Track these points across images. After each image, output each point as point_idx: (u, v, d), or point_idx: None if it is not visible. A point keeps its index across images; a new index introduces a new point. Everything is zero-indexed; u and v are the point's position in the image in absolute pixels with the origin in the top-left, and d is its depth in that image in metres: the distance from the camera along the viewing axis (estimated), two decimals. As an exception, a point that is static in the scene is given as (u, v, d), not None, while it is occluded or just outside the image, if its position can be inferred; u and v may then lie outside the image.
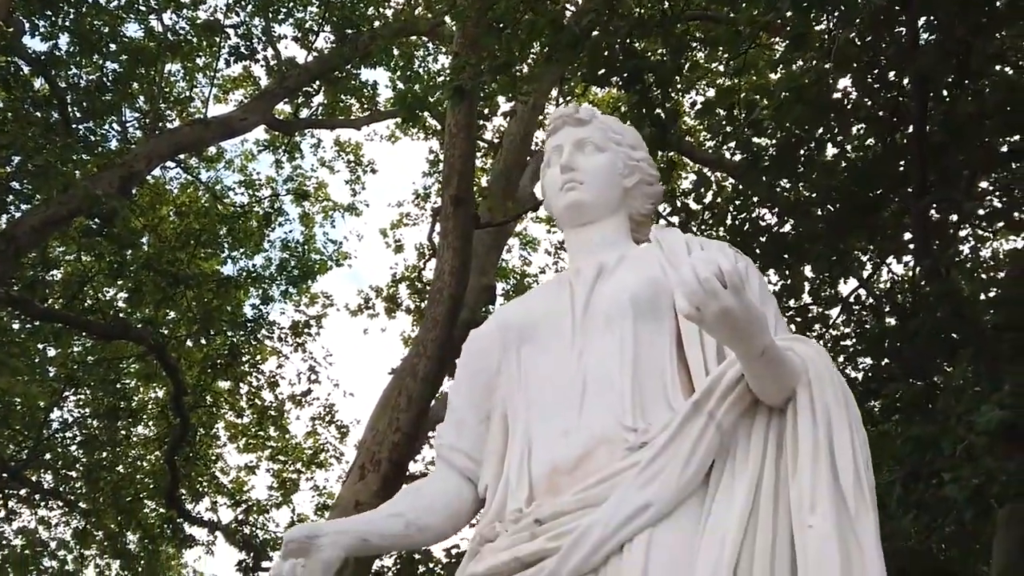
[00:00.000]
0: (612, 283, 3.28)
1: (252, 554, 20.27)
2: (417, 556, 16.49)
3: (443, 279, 11.06)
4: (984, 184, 10.14)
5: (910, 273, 10.67)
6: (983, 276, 10.66)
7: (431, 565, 16.64)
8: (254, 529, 21.22)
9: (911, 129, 8.63)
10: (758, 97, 9.60)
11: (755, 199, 10.10)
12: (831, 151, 9.72)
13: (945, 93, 8.64)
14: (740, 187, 10.51)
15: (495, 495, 3.13)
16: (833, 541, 2.58)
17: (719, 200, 10.67)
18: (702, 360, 3.05)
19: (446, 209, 11.36)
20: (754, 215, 10.22)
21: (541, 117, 15.67)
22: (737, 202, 10.34)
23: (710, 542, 2.70)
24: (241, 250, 19.85)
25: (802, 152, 9.25)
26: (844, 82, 9.35)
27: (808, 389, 2.81)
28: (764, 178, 9.46)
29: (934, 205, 8.79)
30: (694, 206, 10.31)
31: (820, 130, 9.13)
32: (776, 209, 10.14)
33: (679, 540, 2.73)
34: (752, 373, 2.77)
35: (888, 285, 12.38)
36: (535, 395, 3.17)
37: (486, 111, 15.32)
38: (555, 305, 3.33)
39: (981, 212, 9.66)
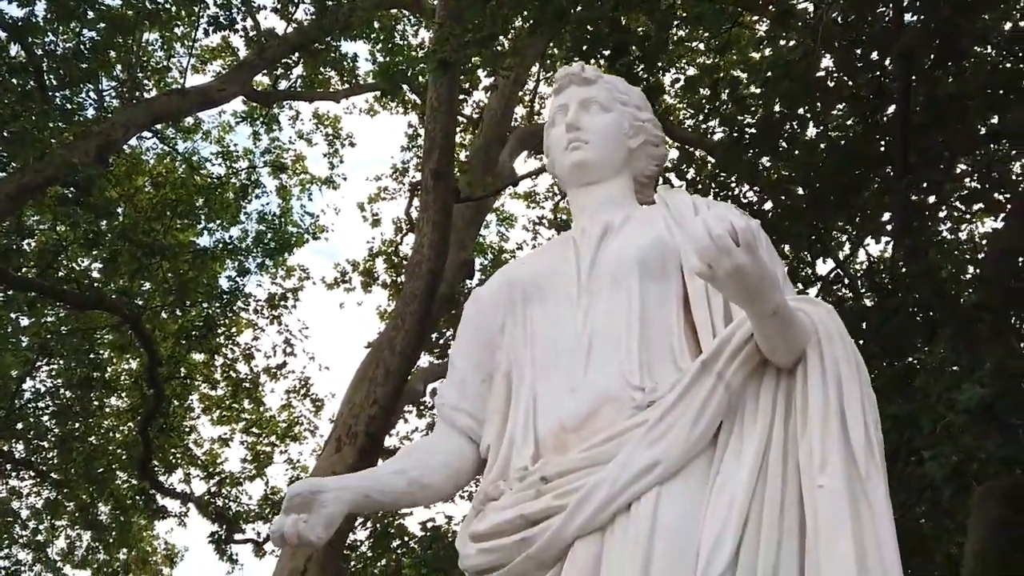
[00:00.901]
0: (618, 242, 3.27)
1: (224, 526, 20.27)
2: (391, 531, 16.53)
3: (422, 253, 11.03)
4: (964, 166, 10.19)
5: (889, 253, 10.71)
6: (962, 257, 10.70)
7: (405, 539, 16.67)
8: (227, 501, 21.13)
9: (893, 109, 8.64)
10: (743, 74, 9.60)
11: (736, 177, 10.11)
12: (812, 130, 9.75)
13: (928, 74, 8.64)
14: (721, 165, 10.52)
15: (498, 454, 3.13)
16: (844, 500, 2.59)
17: (700, 177, 10.68)
18: (709, 321, 3.05)
19: (426, 183, 11.33)
20: (735, 193, 10.23)
21: (522, 92, 15.64)
22: (718, 179, 10.35)
23: (718, 502, 2.71)
24: (217, 222, 19.68)
25: (785, 130, 9.26)
26: (827, 61, 9.36)
27: (818, 349, 2.82)
28: (746, 156, 9.47)
29: (915, 186, 8.81)
30: (676, 181, 10.32)
31: (802, 109, 9.14)
32: (756, 187, 10.16)
33: (687, 499, 2.74)
34: (763, 333, 2.77)
35: (867, 265, 12.43)
36: (540, 353, 3.17)
37: (467, 85, 15.26)
38: (560, 264, 3.33)
39: (960, 193, 9.71)
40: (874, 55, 8.93)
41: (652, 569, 2.62)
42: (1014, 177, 9.96)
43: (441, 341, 17.00)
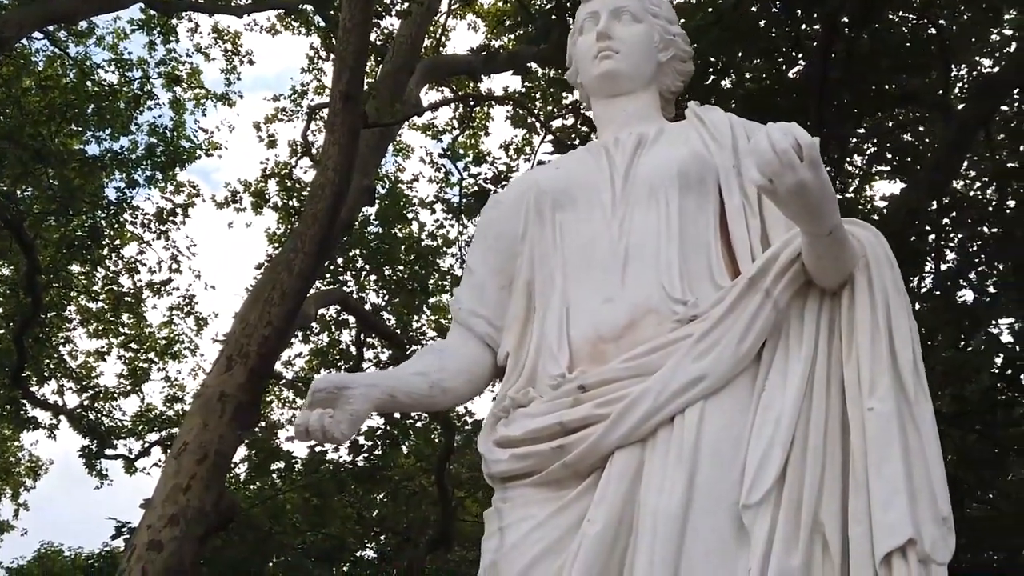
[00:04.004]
0: (655, 154, 3.25)
1: (96, 440, 19.96)
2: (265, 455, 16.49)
3: (327, 175, 10.85)
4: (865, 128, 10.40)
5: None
6: (865, 214, 10.95)
7: (283, 462, 16.66)
8: (99, 416, 20.83)
9: (812, 65, 8.75)
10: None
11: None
12: (727, 82, 9.81)
13: (848, 33, 8.77)
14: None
15: (522, 361, 3.13)
16: (894, 423, 2.62)
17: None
18: (747, 240, 3.05)
19: (335, 105, 11.12)
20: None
21: (432, 24, 15.49)
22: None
23: (764, 420, 2.73)
24: (107, 131, 19.13)
25: (709, 81, 9.31)
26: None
27: (867, 272, 2.83)
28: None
29: (825, 143, 8.95)
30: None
31: (725, 58, 9.20)
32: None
33: (731, 415, 2.77)
34: (815, 252, 2.76)
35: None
36: (572, 261, 3.15)
37: (378, 7, 15.03)
38: (593, 173, 3.29)
39: (867, 153, 9.90)
40: (798, 11, 9.01)
41: (697, 483, 2.66)
42: (914, 141, 10.21)
43: (332, 267, 16.90)
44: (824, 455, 2.70)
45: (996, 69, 10.75)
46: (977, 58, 11.19)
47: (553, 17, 8.99)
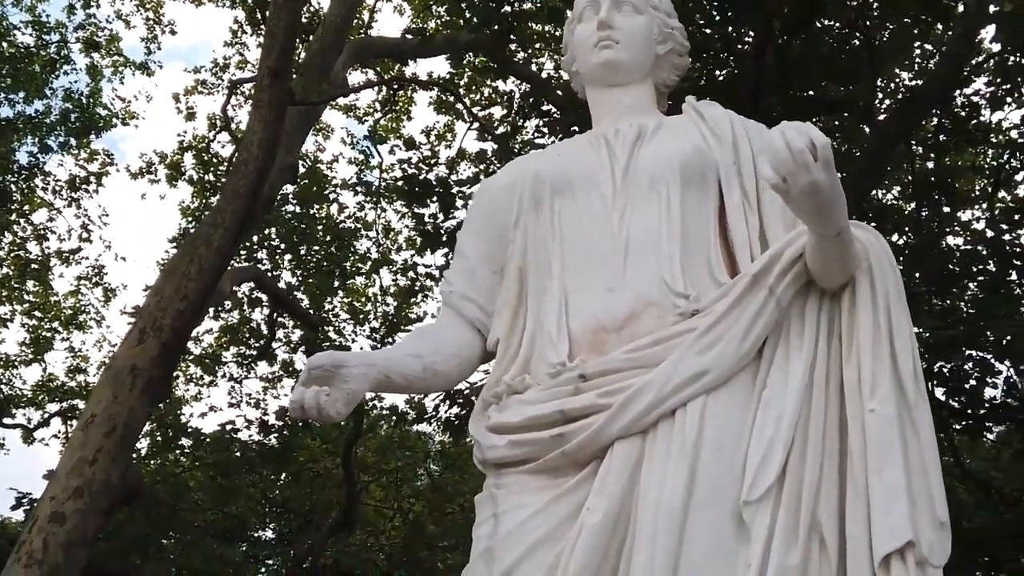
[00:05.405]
0: (656, 147, 3.24)
1: (-6, 408, 19.57)
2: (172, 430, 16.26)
3: (251, 151, 10.71)
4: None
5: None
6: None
7: (187, 438, 16.47)
8: (-1, 384, 20.39)
9: (741, 67, 8.84)
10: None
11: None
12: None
13: (780, 37, 8.87)
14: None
15: (514, 347, 3.12)
16: (895, 426, 2.65)
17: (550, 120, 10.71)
18: (747, 238, 3.06)
19: (262, 80, 11.00)
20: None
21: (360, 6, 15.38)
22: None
23: (765, 417, 2.75)
24: (21, 94, 18.68)
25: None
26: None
27: (869, 275, 2.85)
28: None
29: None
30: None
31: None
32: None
33: (733, 411, 2.78)
34: (821, 252, 2.78)
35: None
36: (570, 250, 3.13)
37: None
38: (592, 162, 3.28)
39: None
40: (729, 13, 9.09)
41: (698, 477, 2.68)
42: (840, 148, 10.36)
43: (248, 245, 16.72)
44: (823, 455, 2.73)
45: (918, 83, 10.99)
46: (898, 70, 11.43)
47: (492, 4, 8.97)
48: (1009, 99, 10.67)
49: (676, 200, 3.10)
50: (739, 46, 9.18)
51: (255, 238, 16.97)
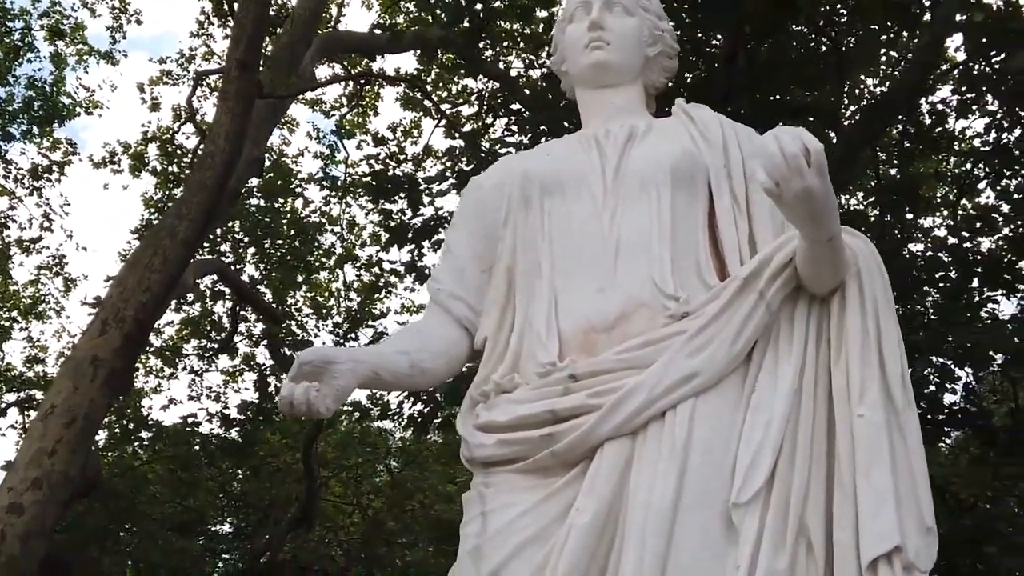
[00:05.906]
0: (646, 148, 3.24)
1: (-50, 397, 19.36)
2: (132, 423, 16.14)
3: (217, 144, 10.65)
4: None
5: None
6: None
7: (144, 432, 16.36)
8: (-45, 372, 20.17)
9: (711, 71, 8.86)
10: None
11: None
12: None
13: (749, 41, 8.90)
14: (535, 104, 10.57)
15: (501, 346, 3.13)
16: (883, 431, 2.68)
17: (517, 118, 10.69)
18: (736, 241, 3.08)
19: (230, 72, 10.94)
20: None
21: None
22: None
23: (754, 421, 2.77)
24: (-17, 80, 18.50)
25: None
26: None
27: (858, 280, 2.87)
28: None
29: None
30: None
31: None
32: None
33: (722, 414, 2.79)
34: (812, 258, 2.79)
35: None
36: (560, 251, 3.13)
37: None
38: (582, 163, 3.27)
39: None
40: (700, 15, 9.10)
41: (687, 481, 2.69)
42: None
43: (211, 237, 16.62)
44: (811, 459, 2.75)
45: (883, 89, 11.08)
46: (864, 77, 11.51)
47: (462, 2, 8.95)
48: (975, 107, 10.76)
49: (667, 202, 3.10)
50: (707, 49, 9.20)
51: (219, 231, 16.87)
